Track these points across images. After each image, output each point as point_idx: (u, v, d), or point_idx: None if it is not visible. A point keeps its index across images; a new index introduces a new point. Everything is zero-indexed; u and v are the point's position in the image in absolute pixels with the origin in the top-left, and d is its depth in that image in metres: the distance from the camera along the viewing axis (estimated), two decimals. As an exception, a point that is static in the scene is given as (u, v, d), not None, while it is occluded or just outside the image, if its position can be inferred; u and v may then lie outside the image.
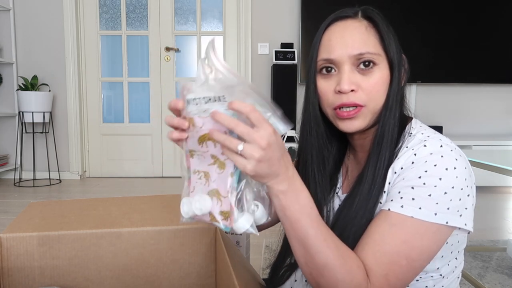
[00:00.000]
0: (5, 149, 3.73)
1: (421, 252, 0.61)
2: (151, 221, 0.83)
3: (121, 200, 0.92)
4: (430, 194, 0.61)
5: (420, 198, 0.61)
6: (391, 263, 0.60)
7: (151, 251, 0.81)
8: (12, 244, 0.74)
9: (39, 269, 0.75)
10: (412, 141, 0.67)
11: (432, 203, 0.60)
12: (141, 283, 0.81)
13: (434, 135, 0.67)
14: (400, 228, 0.61)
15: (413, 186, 0.62)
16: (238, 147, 0.51)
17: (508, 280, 1.64)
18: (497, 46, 3.62)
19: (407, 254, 0.60)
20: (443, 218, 0.61)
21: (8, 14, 3.60)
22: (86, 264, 0.78)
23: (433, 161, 0.62)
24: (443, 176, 0.61)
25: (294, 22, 3.69)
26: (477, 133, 3.84)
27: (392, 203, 0.63)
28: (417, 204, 0.61)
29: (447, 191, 0.61)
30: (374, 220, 0.65)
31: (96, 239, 0.78)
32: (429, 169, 0.62)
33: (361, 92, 0.68)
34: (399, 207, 0.62)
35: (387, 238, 0.61)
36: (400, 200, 0.62)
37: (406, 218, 0.61)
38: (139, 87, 3.88)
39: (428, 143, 0.64)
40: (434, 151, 0.63)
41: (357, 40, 0.68)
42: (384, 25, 0.71)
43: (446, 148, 0.64)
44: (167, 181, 3.70)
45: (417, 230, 0.61)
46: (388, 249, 0.60)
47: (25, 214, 0.85)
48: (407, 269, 0.61)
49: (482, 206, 2.83)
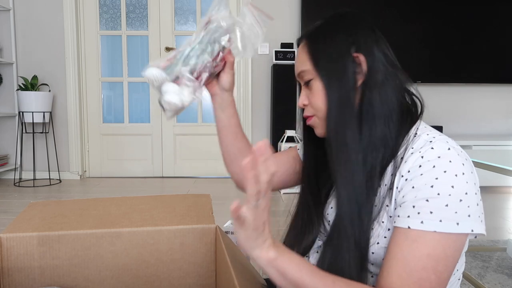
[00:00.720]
0: (5, 149, 3.73)
1: (447, 263, 0.60)
2: (151, 221, 0.83)
3: (121, 200, 0.92)
4: (447, 204, 0.59)
5: (438, 210, 0.59)
6: (420, 281, 0.59)
7: (151, 251, 0.81)
8: (12, 244, 0.74)
9: (39, 269, 0.75)
10: (417, 142, 0.66)
11: (451, 213, 0.59)
12: (141, 283, 0.81)
13: (439, 136, 0.66)
14: (422, 243, 0.59)
15: (427, 199, 0.60)
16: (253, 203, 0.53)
17: (508, 280, 1.64)
18: (497, 46, 3.62)
19: (434, 268, 0.59)
20: (466, 226, 0.59)
21: (8, 14, 3.60)
22: (86, 264, 0.78)
23: (442, 166, 0.61)
24: (455, 183, 0.60)
25: (294, 22, 3.69)
26: (477, 133, 3.84)
27: (410, 220, 0.61)
28: (436, 217, 0.59)
29: (462, 198, 0.60)
30: (394, 239, 0.63)
31: (96, 239, 0.78)
32: (439, 176, 0.60)
33: (309, 106, 0.76)
34: (419, 223, 0.60)
35: (410, 256, 0.60)
36: (417, 215, 0.61)
37: (426, 232, 0.60)
38: (139, 87, 3.88)
39: (435, 145, 0.63)
40: (442, 154, 0.62)
41: (298, 61, 0.77)
42: (317, 37, 0.74)
43: (453, 151, 0.62)
44: (167, 181, 3.71)
45: (439, 242, 0.59)
46: (413, 267, 0.59)
47: (25, 214, 0.85)
48: (436, 282, 0.59)
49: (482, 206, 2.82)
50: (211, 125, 3.88)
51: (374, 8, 3.55)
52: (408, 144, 0.67)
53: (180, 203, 0.91)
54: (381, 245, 0.67)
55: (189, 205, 0.91)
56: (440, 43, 3.60)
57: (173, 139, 3.86)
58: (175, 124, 3.87)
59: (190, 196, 0.97)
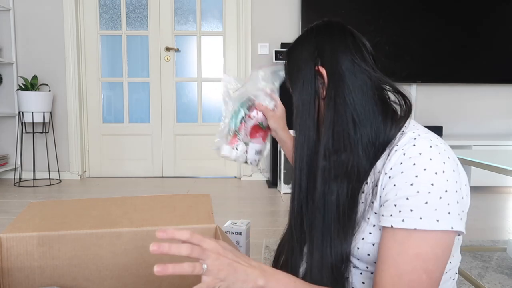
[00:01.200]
0: (5, 149, 3.73)
1: (437, 262, 0.60)
2: (151, 221, 0.83)
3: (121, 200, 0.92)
4: (427, 201, 0.60)
5: (418, 208, 0.60)
6: (411, 282, 0.59)
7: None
8: (12, 244, 0.74)
9: (39, 269, 0.75)
10: (402, 140, 0.67)
11: (431, 211, 0.60)
12: (141, 283, 0.81)
13: (425, 134, 0.67)
14: (410, 245, 0.60)
15: (408, 197, 0.61)
16: (203, 266, 0.53)
17: (508, 280, 1.64)
18: (497, 46, 3.62)
19: (424, 268, 0.59)
20: (446, 223, 0.60)
21: (8, 14, 3.60)
22: (86, 264, 0.78)
23: (422, 164, 0.62)
24: (435, 181, 0.61)
25: (294, 22, 3.69)
26: (477, 133, 3.84)
27: (392, 219, 0.62)
28: (416, 214, 0.60)
29: (442, 195, 0.60)
30: (383, 242, 0.64)
31: (96, 239, 0.78)
32: (419, 174, 0.61)
33: None
34: (401, 221, 0.61)
35: (399, 258, 0.60)
36: (399, 214, 0.62)
37: (410, 232, 0.60)
38: (139, 87, 3.88)
39: (417, 142, 0.64)
40: (423, 152, 0.63)
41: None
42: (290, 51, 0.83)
43: (435, 149, 0.63)
44: (167, 181, 3.71)
45: (425, 241, 0.60)
46: (404, 269, 0.60)
47: (25, 214, 0.85)
48: (428, 281, 0.60)
49: (482, 206, 2.83)
50: (211, 125, 3.88)
51: (374, 8, 3.55)
52: (394, 142, 0.69)
53: (180, 203, 0.91)
54: (367, 240, 0.68)
55: (189, 205, 0.91)
56: (440, 43, 3.60)
57: (173, 139, 3.86)
58: (175, 124, 3.87)
59: (190, 196, 0.97)
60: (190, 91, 3.90)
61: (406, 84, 3.65)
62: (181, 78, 3.86)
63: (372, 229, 0.68)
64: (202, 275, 0.53)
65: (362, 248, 0.69)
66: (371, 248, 0.68)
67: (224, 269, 0.54)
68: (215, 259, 0.54)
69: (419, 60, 3.59)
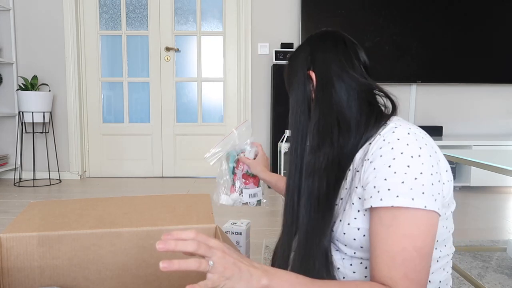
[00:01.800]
0: (5, 149, 3.73)
1: (424, 239, 0.63)
2: (151, 221, 0.83)
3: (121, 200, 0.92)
4: (403, 181, 0.65)
5: (395, 187, 0.65)
6: (404, 261, 0.62)
7: (151, 251, 0.81)
8: (12, 244, 0.74)
9: (39, 269, 0.75)
10: (384, 130, 0.73)
11: (407, 189, 0.64)
12: (141, 282, 0.81)
13: (406, 125, 0.72)
14: (396, 226, 0.64)
15: (385, 178, 0.66)
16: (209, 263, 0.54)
17: (508, 280, 1.64)
18: (497, 46, 3.62)
19: (413, 246, 0.62)
20: (420, 203, 0.63)
21: (8, 14, 3.60)
22: (86, 264, 0.78)
23: (399, 148, 0.67)
24: (411, 163, 0.65)
25: (294, 22, 3.69)
26: (477, 133, 3.84)
27: (372, 200, 0.67)
28: (393, 193, 0.64)
29: (417, 177, 0.65)
30: (372, 228, 0.67)
31: (96, 239, 0.78)
32: (396, 156, 0.67)
33: None
34: (379, 200, 0.65)
35: (389, 241, 0.64)
36: (377, 194, 0.66)
37: (392, 211, 0.64)
38: (139, 87, 3.88)
39: (396, 130, 0.70)
40: (401, 137, 0.68)
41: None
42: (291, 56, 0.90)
43: (412, 136, 0.68)
44: (167, 181, 3.71)
45: (410, 221, 0.63)
46: (395, 250, 0.63)
47: (25, 214, 0.85)
48: (420, 258, 0.63)
49: (482, 206, 2.83)
50: (211, 125, 3.88)
51: (374, 8, 3.55)
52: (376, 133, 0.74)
53: (180, 203, 0.91)
54: (352, 225, 0.72)
55: (189, 205, 0.91)
56: (440, 43, 3.60)
57: (173, 139, 3.86)
58: (175, 124, 3.87)
59: (190, 196, 0.97)
60: (190, 91, 3.90)
61: (406, 84, 3.65)
62: (181, 78, 3.86)
63: (357, 214, 0.72)
64: (207, 273, 0.54)
65: (348, 233, 0.72)
66: (356, 233, 0.72)
67: (229, 267, 0.54)
68: (221, 257, 0.54)
69: (419, 60, 3.59)
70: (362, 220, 0.71)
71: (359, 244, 0.72)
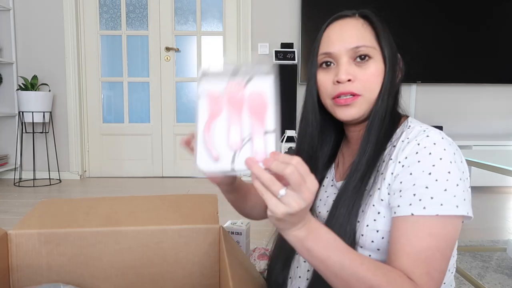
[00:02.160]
0: (5, 149, 3.73)
1: (447, 241, 0.63)
2: (156, 220, 0.83)
3: (128, 199, 0.93)
4: (446, 189, 0.63)
5: (438, 195, 0.63)
6: (427, 259, 0.61)
7: (156, 250, 0.81)
8: (21, 241, 0.74)
9: (46, 265, 0.76)
10: (412, 133, 0.70)
11: (450, 197, 0.63)
12: (146, 281, 0.82)
13: (432, 128, 0.71)
14: (422, 224, 0.63)
15: (427, 186, 0.64)
16: (280, 191, 0.51)
17: (508, 280, 1.65)
18: (497, 46, 3.63)
19: (437, 246, 0.62)
20: (464, 209, 0.63)
21: (8, 14, 3.60)
22: (92, 262, 0.78)
23: (438, 153, 0.65)
24: (451, 169, 0.64)
25: (294, 22, 3.70)
26: (477, 133, 3.85)
27: (412, 207, 0.64)
28: (437, 201, 0.63)
29: (458, 183, 0.64)
30: (396, 225, 0.65)
31: (102, 237, 0.78)
32: (436, 163, 0.65)
33: (358, 83, 0.74)
34: (422, 209, 0.63)
35: (413, 237, 0.62)
36: (419, 202, 0.64)
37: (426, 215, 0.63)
38: (139, 87, 3.89)
39: (430, 133, 0.68)
40: (437, 142, 0.66)
41: (354, 35, 0.75)
42: (379, 24, 0.79)
43: (445, 141, 0.67)
44: (167, 181, 3.71)
45: (438, 221, 0.62)
46: (419, 247, 0.62)
47: (35, 212, 0.86)
48: (441, 259, 0.62)
49: (482, 206, 2.83)
50: (211, 125, 3.88)
51: (374, 8, 3.55)
52: (401, 134, 0.72)
53: (186, 203, 0.92)
54: (371, 227, 0.70)
55: (195, 205, 0.91)
56: (440, 43, 3.61)
57: (173, 139, 3.86)
58: (175, 124, 3.87)
59: (196, 196, 0.97)
60: (190, 91, 3.90)
61: (406, 84, 3.66)
62: (181, 78, 3.86)
63: (377, 216, 0.70)
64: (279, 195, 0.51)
65: (366, 235, 0.70)
66: (375, 235, 0.70)
67: (298, 207, 0.51)
68: (297, 197, 0.51)
69: (419, 60, 3.59)
70: (382, 223, 0.69)
71: (376, 247, 0.70)
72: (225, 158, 0.57)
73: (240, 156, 0.56)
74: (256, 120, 0.58)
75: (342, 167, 0.85)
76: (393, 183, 0.68)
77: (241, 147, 0.57)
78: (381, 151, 0.72)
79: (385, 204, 0.69)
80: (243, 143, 0.57)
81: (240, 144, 0.57)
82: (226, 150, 0.57)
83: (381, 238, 0.69)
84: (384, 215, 0.69)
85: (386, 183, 0.69)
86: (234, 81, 0.60)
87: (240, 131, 0.57)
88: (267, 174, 0.52)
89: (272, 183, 0.51)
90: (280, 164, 0.51)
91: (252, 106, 0.59)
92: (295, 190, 0.51)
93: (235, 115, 0.58)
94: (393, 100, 0.76)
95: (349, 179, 0.73)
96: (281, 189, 0.51)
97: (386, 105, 0.74)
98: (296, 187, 0.50)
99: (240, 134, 0.57)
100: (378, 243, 0.70)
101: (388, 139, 0.74)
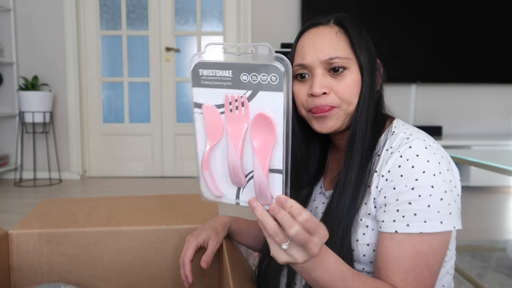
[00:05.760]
0: (5, 149, 3.73)
1: (435, 256, 0.62)
2: (157, 220, 0.83)
3: (129, 199, 0.93)
4: (429, 204, 0.62)
5: (422, 212, 0.62)
6: (416, 277, 0.61)
7: (156, 249, 0.81)
8: (21, 241, 0.74)
9: (47, 265, 0.76)
10: (395, 141, 0.68)
11: (434, 213, 0.62)
12: (146, 281, 0.82)
13: (416, 134, 0.68)
14: (409, 243, 0.62)
15: (410, 201, 0.63)
16: (282, 245, 0.48)
17: (508, 280, 1.65)
18: (497, 45, 3.63)
19: (425, 263, 0.62)
20: (449, 224, 0.62)
21: (8, 14, 3.60)
22: (92, 262, 0.78)
23: (421, 166, 0.63)
24: (434, 183, 0.62)
25: (294, 22, 3.70)
26: (477, 133, 3.85)
27: (396, 224, 0.63)
28: (421, 218, 0.62)
29: (442, 197, 0.62)
30: (382, 241, 0.65)
31: (102, 237, 0.78)
32: (419, 177, 0.63)
33: (334, 95, 0.71)
34: (405, 226, 0.62)
35: (401, 256, 0.62)
36: (402, 219, 0.63)
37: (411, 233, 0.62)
38: (139, 87, 3.89)
39: (413, 144, 0.66)
40: (420, 153, 0.64)
41: (327, 46, 0.71)
42: (355, 31, 0.73)
43: (429, 150, 0.65)
44: (167, 181, 3.71)
45: (424, 239, 0.62)
46: (408, 266, 0.61)
47: (36, 211, 0.86)
48: (430, 275, 0.62)
49: (482, 206, 2.83)
50: (211, 125, 3.88)
51: (374, 8, 3.56)
52: (385, 142, 0.70)
53: (186, 203, 0.92)
54: (360, 242, 0.69)
55: (195, 205, 0.91)
56: (440, 43, 3.60)
57: (173, 139, 3.86)
58: (175, 124, 3.87)
59: (196, 196, 0.97)
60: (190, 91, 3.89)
61: (406, 84, 3.66)
62: (182, 78, 3.86)
63: (365, 229, 0.69)
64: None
65: (357, 250, 0.69)
66: (366, 249, 0.69)
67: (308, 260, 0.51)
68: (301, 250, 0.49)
69: (419, 60, 3.59)
70: (371, 236, 0.68)
71: (368, 260, 0.70)
72: (229, 193, 0.52)
73: (244, 191, 0.51)
74: (261, 155, 0.49)
75: (330, 174, 0.83)
76: (378, 197, 0.67)
77: (245, 184, 0.51)
78: (367, 164, 0.70)
79: (372, 217, 0.69)
80: (246, 179, 0.51)
81: (243, 181, 0.51)
82: (229, 185, 0.52)
83: (372, 251, 0.69)
84: (373, 227, 0.68)
85: (371, 197, 0.68)
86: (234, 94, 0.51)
87: (242, 166, 0.50)
88: (272, 222, 0.48)
89: (275, 234, 0.48)
90: (286, 219, 0.47)
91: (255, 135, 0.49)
92: (300, 246, 0.49)
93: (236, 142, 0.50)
94: (374, 109, 0.72)
95: (339, 198, 0.70)
96: (284, 244, 0.48)
97: (366, 116, 0.70)
98: (301, 245, 0.48)
99: (242, 170, 0.50)
100: (371, 257, 0.69)
101: (372, 151, 0.71)
